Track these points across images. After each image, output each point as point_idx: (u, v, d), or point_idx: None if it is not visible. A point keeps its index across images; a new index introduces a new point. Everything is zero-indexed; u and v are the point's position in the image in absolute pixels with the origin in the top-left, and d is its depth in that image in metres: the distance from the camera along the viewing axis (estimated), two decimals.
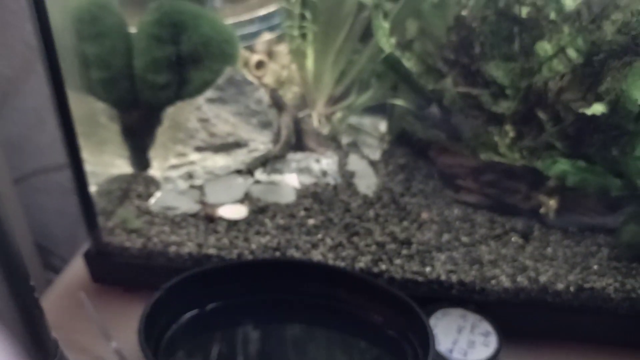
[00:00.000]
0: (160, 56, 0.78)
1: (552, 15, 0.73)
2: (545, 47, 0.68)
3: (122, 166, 0.81)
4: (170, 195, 0.76)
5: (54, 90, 0.59)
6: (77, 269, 0.76)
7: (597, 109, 0.64)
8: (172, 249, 0.69)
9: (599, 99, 0.67)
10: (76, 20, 0.74)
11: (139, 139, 0.83)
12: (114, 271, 0.72)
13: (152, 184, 0.79)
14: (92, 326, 0.64)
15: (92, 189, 0.74)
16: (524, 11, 0.74)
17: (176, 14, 0.78)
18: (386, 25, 0.78)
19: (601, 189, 0.68)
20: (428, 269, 0.67)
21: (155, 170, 0.81)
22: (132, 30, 0.80)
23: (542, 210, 0.71)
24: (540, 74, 0.69)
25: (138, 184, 0.79)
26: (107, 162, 0.79)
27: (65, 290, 0.73)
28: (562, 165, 0.69)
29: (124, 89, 0.79)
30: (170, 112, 0.81)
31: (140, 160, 0.82)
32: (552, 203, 0.71)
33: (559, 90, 0.72)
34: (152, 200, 0.76)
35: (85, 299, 0.66)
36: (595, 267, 0.66)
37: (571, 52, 0.66)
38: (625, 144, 0.67)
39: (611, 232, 0.70)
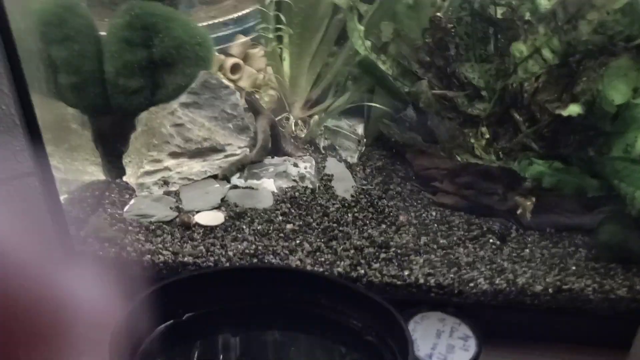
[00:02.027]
0: (131, 60, 0.76)
1: (527, 16, 0.73)
2: (520, 48, 0.68)
3: (95, 173, 0.79)
4: (144, 202, 0.75)
5: (17, 96, 0.57)
6: None
7: (574, 110, 0.64)
8: (147, 257, 0.68)
9: (574, 99, 0.67)
10: (42, 22, 0.72)
11: (111, 145, 0.81)
12: None
13: (126, 191, 0.77)
14: None
15: (63, 197, 0.72)
16: (499, 12, 0.74)
17: (148, 17, 0.76)
18: (361, 27, 0.78)
19: (578, 190, 0.68)
20: (406, 272, 0.66)
21: (129, 177, 0.79)
22: (102, 33, 0.78)
23: (519, 212, 0.71)
24: (515, 75, 0.69)
25: (111, 191, 0.77)
26: (79, 169, 0.77)
27: None
28: (539, 167, 0.68)
29: (94, 94, 0.77)
30: (144, 118, 0.79)
31: (114, 167, 0.80)
32: (529, 204, 0.70)
33: (534, 91, 0.72)
34: (126, 208, 0.74)
35: None
36: (574, 268, 0.67)
37: (546, 53, 0.66)
38: (602, 144, 0.67)
39: (589, 232, 0.71)
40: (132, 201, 0.75)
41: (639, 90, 0.62)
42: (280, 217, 0.73)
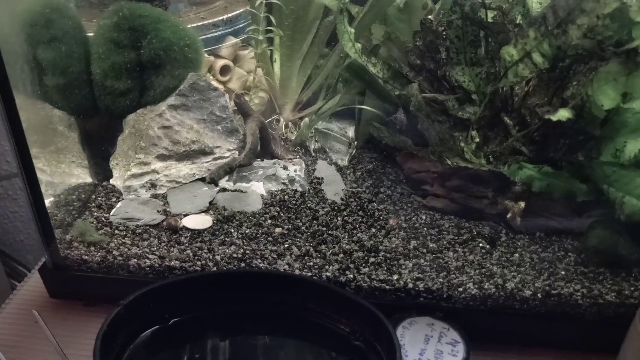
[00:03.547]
0: (119, 61, 0.75)
1: (519, 19, 0.73)
2: (511, 52, 0.67)
3: (82, 175, 0.78)
4: (131, 205, 0.74)
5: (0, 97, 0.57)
6: (35, 283, 0.73)
7: (563, 114, 0.64)
8: (133, 261, 0.67)
9: (564, 103, 0.67)
10: (28, 24, 0.71)
11: (98, 148, 0.80)
12: (73, 286, 0.69)
13: (113, 194, 0.76)
14: (47, 345, 0.61)
15: (49, 199, 0.71)
16: (490, 15, 0.73)
17: (135, 18, 0.75)
18: (351, 29, 0.77)
19: (567, 194, 0.68)
20: (395, 277, 0.66)
21: (116, 180, 0.78)
22: (91, 34, 0.77)
23: (508, 215, 0.71)
24: (506, 79, 0.69)
25: (98, 194, 0.76)
26: (65, 172, 0.76)
27: (21, 307, 0.70)
28: (528, 171, 0.68)
29: (81, 95, 0.76)
30: (131, 120, 0.79)
31: (101, 170, 0.80)
32: (518, 208, 0.70)
33: (524, 95, 0.72)
34: (113, 211, 0.73)
35: (38, 317, 0.63)
36: (563, 272, 0.66)
37: (537, 57, 0.66)
38: (591, 149, 0.67)
39: (578, 237, 0.70)
40: (119, 204, 0.74)
41: (628, 95, 0.62)
42: (269, 221, 0.73)
